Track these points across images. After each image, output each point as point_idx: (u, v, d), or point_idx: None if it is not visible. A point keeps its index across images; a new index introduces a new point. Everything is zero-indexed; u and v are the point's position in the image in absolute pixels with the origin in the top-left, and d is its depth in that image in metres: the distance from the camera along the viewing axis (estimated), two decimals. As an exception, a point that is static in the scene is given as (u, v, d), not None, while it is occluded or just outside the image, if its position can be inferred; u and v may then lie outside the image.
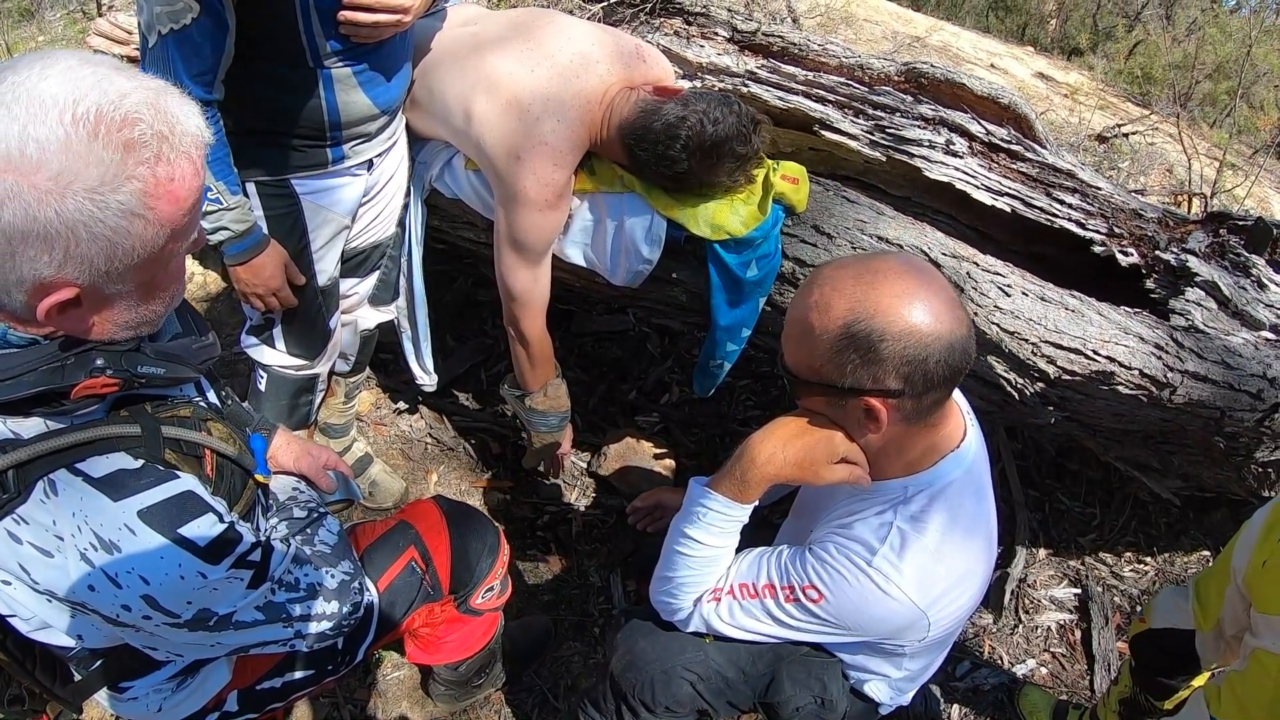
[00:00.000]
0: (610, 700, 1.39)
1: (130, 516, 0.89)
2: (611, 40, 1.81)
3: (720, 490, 1.22)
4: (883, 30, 5.08)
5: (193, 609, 0.96)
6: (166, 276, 0.90)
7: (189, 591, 0.95)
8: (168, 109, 0.81)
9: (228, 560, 0.98)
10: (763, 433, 1.20)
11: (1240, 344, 1.86)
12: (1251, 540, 1.34)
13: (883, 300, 1.02)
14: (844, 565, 1.16)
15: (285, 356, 1.85)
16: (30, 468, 0.86)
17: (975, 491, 1.22)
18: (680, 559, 1.27)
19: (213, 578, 0.96)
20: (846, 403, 1.10)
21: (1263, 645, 1.25)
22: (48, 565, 0.88)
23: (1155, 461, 2.16)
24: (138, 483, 0.90)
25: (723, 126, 1.65)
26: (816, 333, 1.05)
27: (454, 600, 1.50)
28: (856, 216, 1.89)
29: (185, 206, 0.84)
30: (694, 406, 2.64)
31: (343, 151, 1.65)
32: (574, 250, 1.90)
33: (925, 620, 1.16)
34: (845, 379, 1.06)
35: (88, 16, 4.46)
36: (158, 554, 0.91)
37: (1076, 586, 2.34)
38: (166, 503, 0.92)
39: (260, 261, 1.60)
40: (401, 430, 2.56)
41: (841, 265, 1.09)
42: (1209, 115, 5.55)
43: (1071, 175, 2.14)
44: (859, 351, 1.03)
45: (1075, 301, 1.85)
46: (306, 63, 1.47)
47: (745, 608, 1.25)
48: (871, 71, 2.32)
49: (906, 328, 1.01)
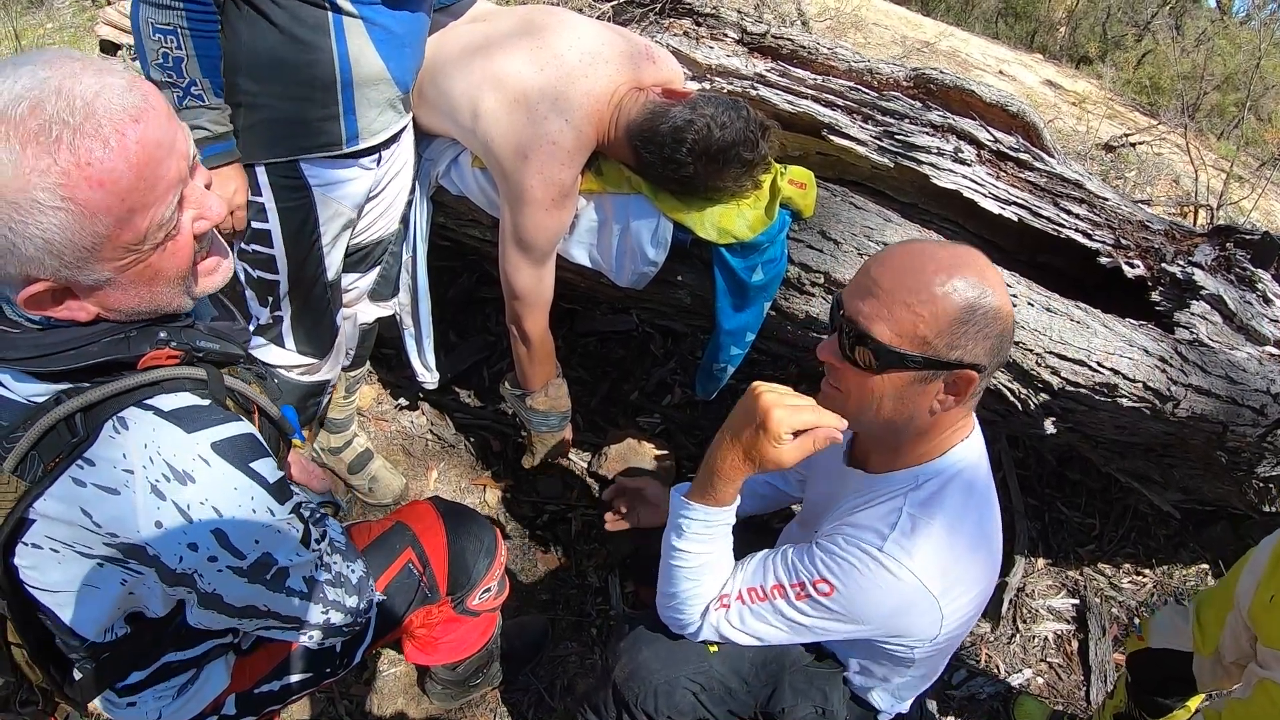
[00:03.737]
0: (612, 708, 1.38)
1: (204, 447, 0.90)
2: (621, 40, 1.81)
3: (695, 498, 1.23)
4: (892, 35, 5.07)
5: (258, 550, 0.97)
6: (162, 260, 0.88)
7: (258, 528, 0.95)
8: (75, 92, 0.77)
9: (289, 504, 1.00)
10: (719, 432, 1.21)
11: (1244, 359, 1.85)
12: (1258, 571, 1.32)
13: (995, 282, 1.09)
14: (854, 554, 1.15)
15: (294, 355, 1.83)
16: (99, 409, 0.86)
17: (983, 488, 1.22)
18: (676, 571, 1.27)
19: (278, 516, 0.98)
20: (937, 378, 1.10)
21: (1272, 677, 1.24)
22: (114, 503, 0.87)
23: (1156, 474, 2.15)
24: (209, 416, 0.91)
25: (730, 131, 1.65)
26: (940, 299, 1.06)
27: (451, 601, 1.50)
28: (864, 223, 1.89)
29: (118, 189, 0.79)
30: (696, 409, 2.64)
31: (356, 125, 1.61)
32: (579, 251, 1.90)
33: (938, 610, 1.14)
34: (953, 352, 1.08)
35: (96, 4, 4.45)
36: (231, 484, 0.92)
37: (1074, 597, 2.34)
38: (238, 438, 0.93)
39: (228, 171, 1.54)
40: (402, 426, 2.56)
41: (939, 245, 1.14)
42: (1216, 127, 5.54)
43: (1079, 185, 2.13)
44: (977, 325, 1.07)
45: (1081, 313, 1.85)
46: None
47: (756, 612, 1.24)
48: (880, 76, 2.32)
49: (1008, 311, 1.10)
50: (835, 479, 1.36)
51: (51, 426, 0.86)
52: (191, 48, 1.43)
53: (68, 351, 0.86)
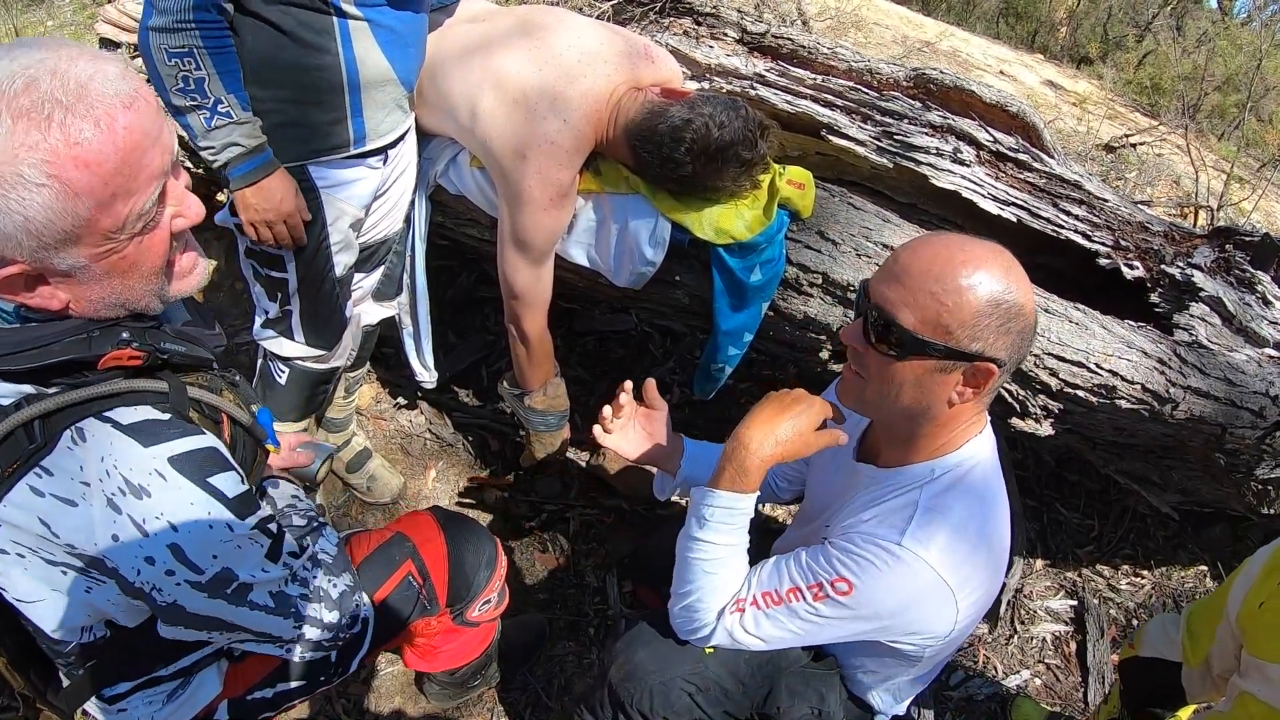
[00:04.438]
0: (608, 708, 1.38)
1: (160, 462, 0.89)
2: (620, 40, 1.80)
3: (721, 486, 1.23)
4: (893, 34, 5.07)
5: (217, 565, 0.96)
6: (138, 253, 0.88)
7: (215, 543, 0.95)
8: (70, 74, 0.78)
9: (252, 519, 0.98)
10: (747, 420, 1.24)
11: (1243, 361, 1.85)
12: (1250, 579, 1.31)
13: (1020, 280, 1.10)
14: (871, 551, 1.15)
15: (304, 348, 1.84)
16: (57, 418, 0.86)
17: (996, 477, 1.23)
18: (694, 566, 1.26)
19: (238, 532, 0.97)
20: (957, 368, 1.11)
21: (1250, 689, 1.23)
22: (72, 514, 0.87)
23: (1155, 475, 2.15)
24: (167, 431, 0.91)
25: (728, 131, 1.65)
26: (967, 291, 1.07)
27: (450, 613, 1.49)
28: (862, 223, 1.89)
29: (102, 172, 0.80)
30: (694, 408, 2.64)
31: (364, 127, 1.62)
32: (577, 250, 1.90)
33: (953, 602, 1.14)
34: (974, 344, 1.08)
35: (97, 2, 4.45)
36: (187, 499, 0.91)
37: (1073, 598, 2.34)
38: (196, 452, 0.92)
39: (270, 183, 1.54)
40: (401, 425, 2.56)
41: (968, 238, 1.13)
42: (1217, 127, 5.53)
43: (1078, 186, 2.13)
44: (1000, 320, 1.08)
45: (1080, 314, 1.85)
46: (324, 2, 1.45)
47: (771, 616, 1.23)
48: (880, 76, 2.31)
49: (1032, 310, 1.11)
50: (844, 474, 1.36)
51: (11, 431, 0.85)
52: (211, 66, 1.42)
53: (31, 350, 0.85)
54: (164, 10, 1.38)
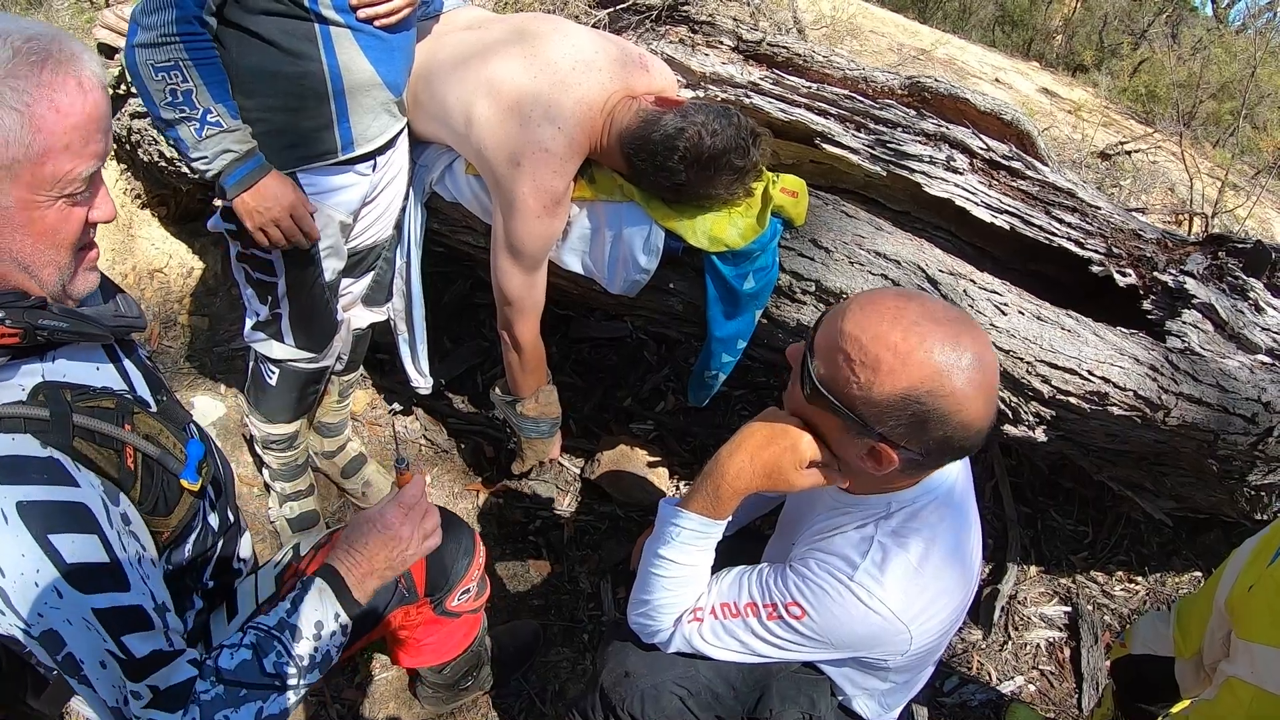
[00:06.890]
0: (599, 712, 1.39)
1: (8, 503, 0.87)
2: (615, 48, 1.81)
3: (693, 508, 1.22)
4: (888, 42, 5.08)
5: (44, 624, 0.90)
6: (59, 219, 0.92)
7: (40, 604, 0.89)
8: (69, 46, 0.89)
9: (97, 598, 0.90)
10: (730, 445, 1.18)
11: (1236, 367, 1.86)
12: (1239, 567, 1.33)
13: (958, 389, 0.99)
14: (826, 581, 1.16)
15: (294, 350, 1.85)
16: None
17: (957, 508, 1.22)
18: (655, 580, 1.27)
19: (68, 600, 0.89)
20: (860, 437, 1.07)
21: (1237, 674, 1.23)
22: None
23: (1148, 482, 2.16)
24: (31, 474, 0.88)
25: (721, 139, 1.66)
26: (881, 376, 1.00)
27: (430, 602, 1.50)
28: (855, 231, 1.90)
29: (66, 123, 0.88)
30: (689, 415, 2.64)
31: (351, 133, 1.63)
32: (572, 258, 1.91)
33: (907, 634, 1.15)
34: (878, 426, 1.03)
35: (95, 6, 4.46)
36: (19, 550, 0.87)
37: (1067, 604, 2.34)
38: (51, 505, 0.88)
39: (267, 183, 1.54)
40: (396, 431, 2.56)
41: (933, 317, 1.01)
42: (1212, 135, 5.55)
43: (1071, 194, 2.14)
44: (911, 417, 1.01)
45: (1072, 321, 1.85)
46: (304, 9, 1.46)
47: (727, 627, 1.24)
48: (876, 85, 2.32)
49: (962, 421, 1.01)
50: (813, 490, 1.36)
51: None
52: (198, 77, 1.44)
53: None
54: (148, 26, 1.41)
